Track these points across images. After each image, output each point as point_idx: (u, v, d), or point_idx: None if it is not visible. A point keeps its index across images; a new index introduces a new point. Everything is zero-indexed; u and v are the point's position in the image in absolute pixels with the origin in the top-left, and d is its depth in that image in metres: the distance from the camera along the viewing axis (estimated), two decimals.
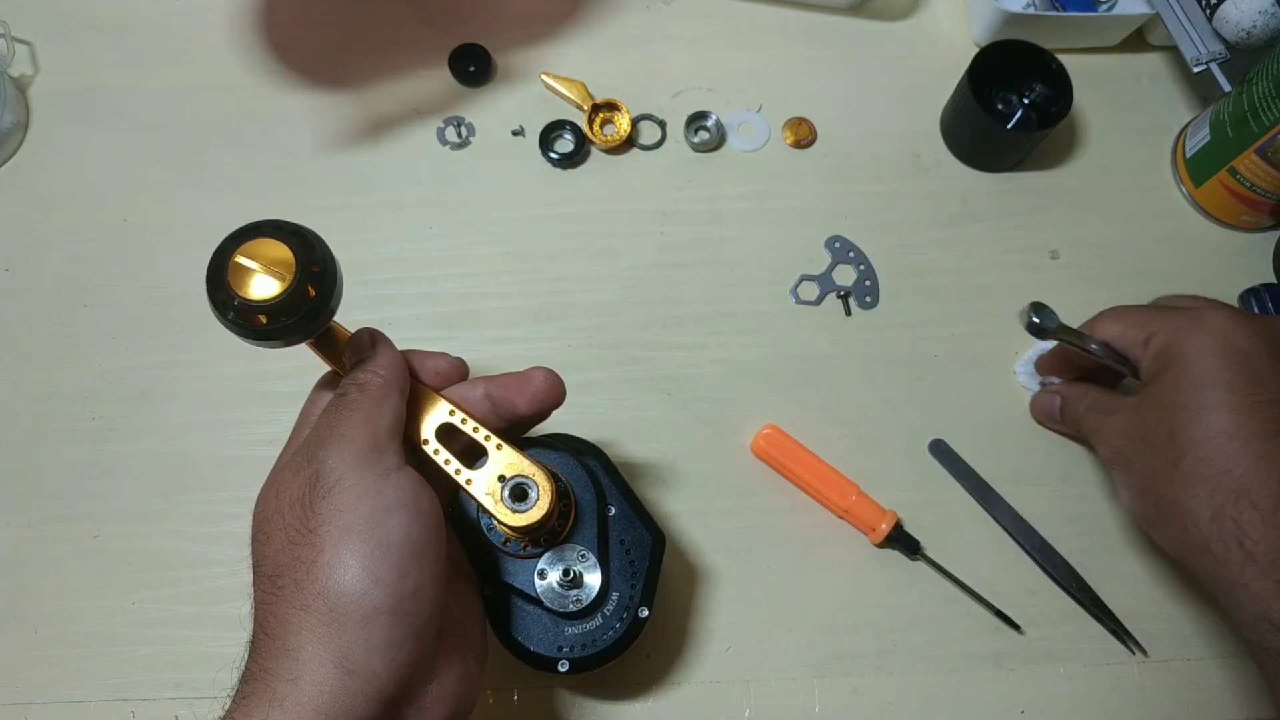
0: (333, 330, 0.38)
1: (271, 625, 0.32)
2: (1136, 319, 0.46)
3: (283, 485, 0.34)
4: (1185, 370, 0.42)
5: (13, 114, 0.61)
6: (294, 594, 0.32)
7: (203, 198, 0.61)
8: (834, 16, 0.67)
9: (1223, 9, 0.56)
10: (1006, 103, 0.62)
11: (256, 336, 0.33)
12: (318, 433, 0.35)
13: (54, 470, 0.55)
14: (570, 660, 0.40)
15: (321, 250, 0.34)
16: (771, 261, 0.60)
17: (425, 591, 0.33)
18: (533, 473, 0.38)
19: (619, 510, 0.42)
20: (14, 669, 0.51)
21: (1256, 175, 0.56)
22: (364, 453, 0.34)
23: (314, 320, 0.33)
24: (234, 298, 0.32)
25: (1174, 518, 0.41)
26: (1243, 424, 0.40)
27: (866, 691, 0.51)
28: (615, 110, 0.63)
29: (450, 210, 0.61)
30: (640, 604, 0.41)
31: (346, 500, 0.33)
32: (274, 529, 0.33)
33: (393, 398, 0.36)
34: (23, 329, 0.58)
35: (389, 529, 0.33)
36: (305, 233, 0.34)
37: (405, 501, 0.34)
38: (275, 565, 0.33)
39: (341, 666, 0.31)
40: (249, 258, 0.32)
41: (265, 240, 0.33)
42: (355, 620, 0.31)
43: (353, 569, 0.32)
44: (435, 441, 0.38)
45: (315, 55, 0.65)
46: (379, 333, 0.39)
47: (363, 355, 0.38)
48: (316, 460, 0.34)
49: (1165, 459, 0.42)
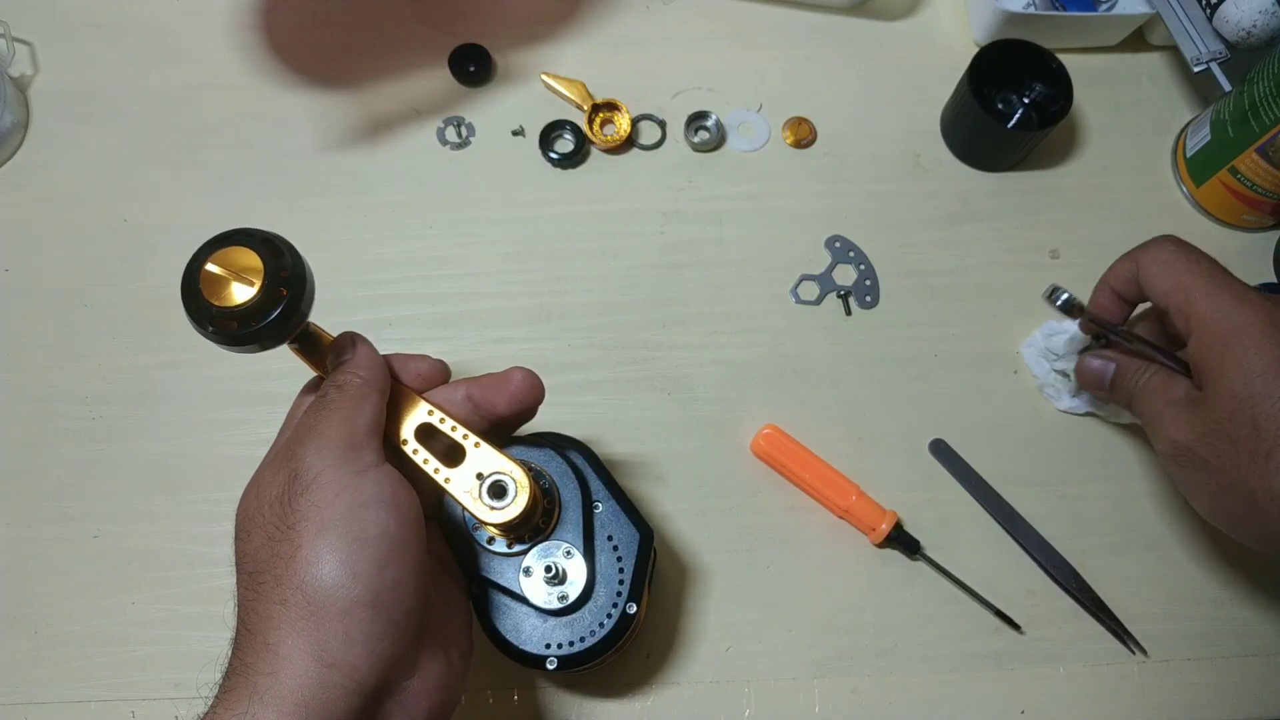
0: (315, 335, 0.39)
1: (252, 621, 0.32)
2: (1168, 290, 0.43)
3: (263, 484, 0.35)
4: (1252, 357, 0.40)
5: (13, 114, 0.61)
6: (273, 589, 0.32)
7: (203, 198, 0.61)
8: (834, 16, 0.67)
9: (1223, 8, 0.56)
10: (1006, 102, 0.62)
11: (233, 342, 0.34)
12: (297, 433, 0.36)
13: (54, 470, 0.55)
14: (558, 658, 0.40)
15: (290, 254, 0.35)
16: (771, 261, 0.60)
17: (404, 585, 0.33)
18: (510, 469, 0.38)
19: (606, 506, 0.42)
20: (14, 669, 0.51)
21: (1257, 175, 0.56)
22: (342, 450, 0.34)
23: (287, 322, 0.34)
24: (208, 306, 0.33)
25: (1274, 512, 0.39)
26: None
27: (866, 691, 0.51)
28: (615, 110, 0.63)
29: (450, 210, 0.61)
30: (629, 600, 0.41)
31: (324, 496, 0.33)
32: (254, 526, 0.34)
33: (372, 398, 0.37)
34: (23, 329, 0.58)
35: (366, 524, 0.33)
36: (274, 239, 0.35)
37: (383, 497, 0.34)
38: (255, 562, 0.33)
39: (320, 659, 0.31)
40: (219, 266, 0.33)
41: (234, 249, 0.34)
42: (333, 613, 0.31)
43: (330, 563, 0.32)
44: (415, 441, 0.39)
45: (315, 55, 0.65)
46: (360, 336, 0.39)
47: (344, 358, 0.38)
48: (295, 459, 0.34)
49: (1253, 453, 0.39)
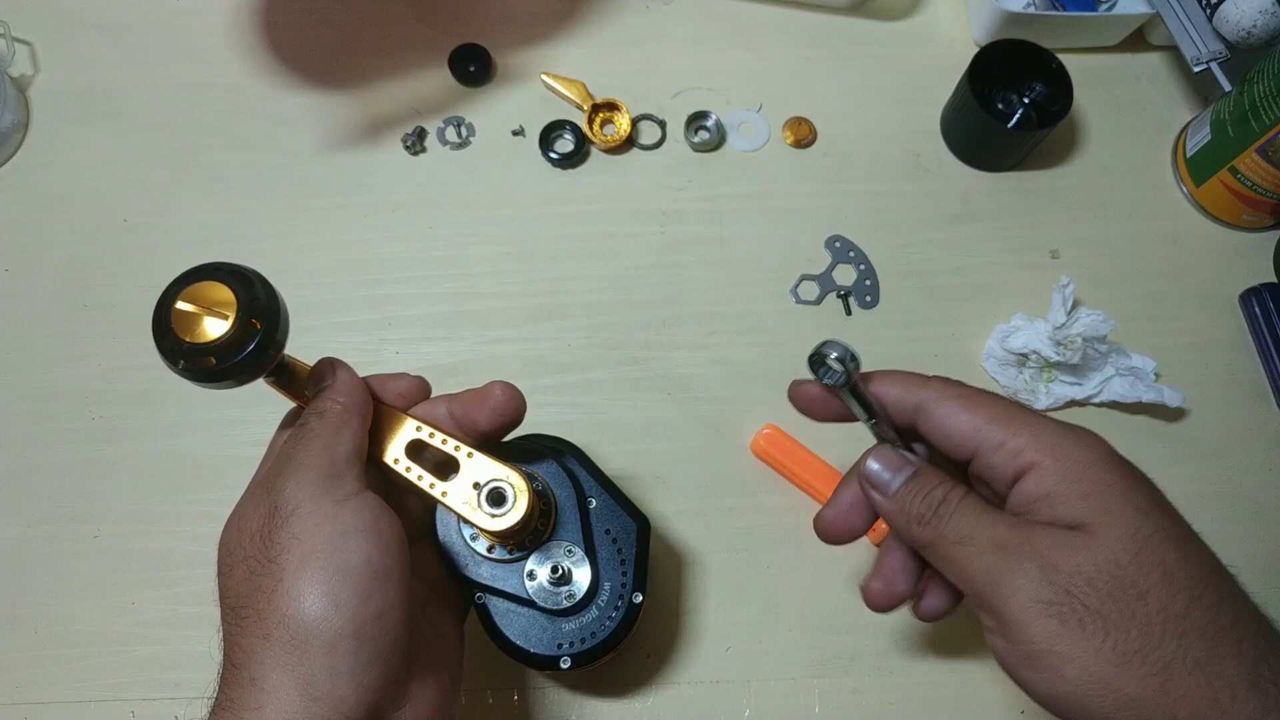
0: (291, 367, 0.38)
1: (236, 656, 0.32)
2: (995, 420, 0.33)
3: (243, 517, 0.34)
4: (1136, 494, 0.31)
5: (13, 114, 0.61)
6: (256, 624, 0.32)
7: (203, 198, 0.61)
8: (834, 16, 0.67)
9: (1223, 8, 0.56)
10: (1006, 102, 0.62)
11: (210, 379, 0.33)
12: (277, 463, 0.35)
13: (54, 470, 0.55)
14: (572, 656, 0.40)
15: (262, 286, 0.34)
16: (771, 261, 0.60)
17: (390, 614, 0.33)
18: (506, 475, 0.38)
19: (600, 502, 0.42)
20: (14, 669, 0.51)
21: (1257, 174, 0.56)
22: (321, 480, 0.34)
23: (263, 355, 0.33)
24: (181, 344, 0.32)
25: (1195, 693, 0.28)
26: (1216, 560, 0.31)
27: (866, 691, 0.51)
28: (615, 110, 0.63)
29: (450, 210, 0.61)
30: (634, 590, 0.41)
31: (304, 527, 0.33)
32: (236, 561, 0.33)
33: (352, 423, 0.36)
34: (23, 329, 0.58)
35: (348, 554, 0.32)
36: (245, 271, 0.34)
37: (364, 526, 0.33)
38: (238, 597, 0.33)
39: (306, 693, 0.31)
40: (190, 302, 0.32)
41: (204, 284, 0.33)
42: (318, 646, 0.31)
43: (312, 595, 0.31)
44: (406, 459, 0.38)
45: (315, 55, 0.65)
46: (339, 361, 0.39)
47: (324, 384, 0.37)
48: (275, 490, 0.34)
49: (1165, 609, 0.29)
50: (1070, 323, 0.54)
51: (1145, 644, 0.28)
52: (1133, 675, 0.28)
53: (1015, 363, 0.56)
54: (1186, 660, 0.28)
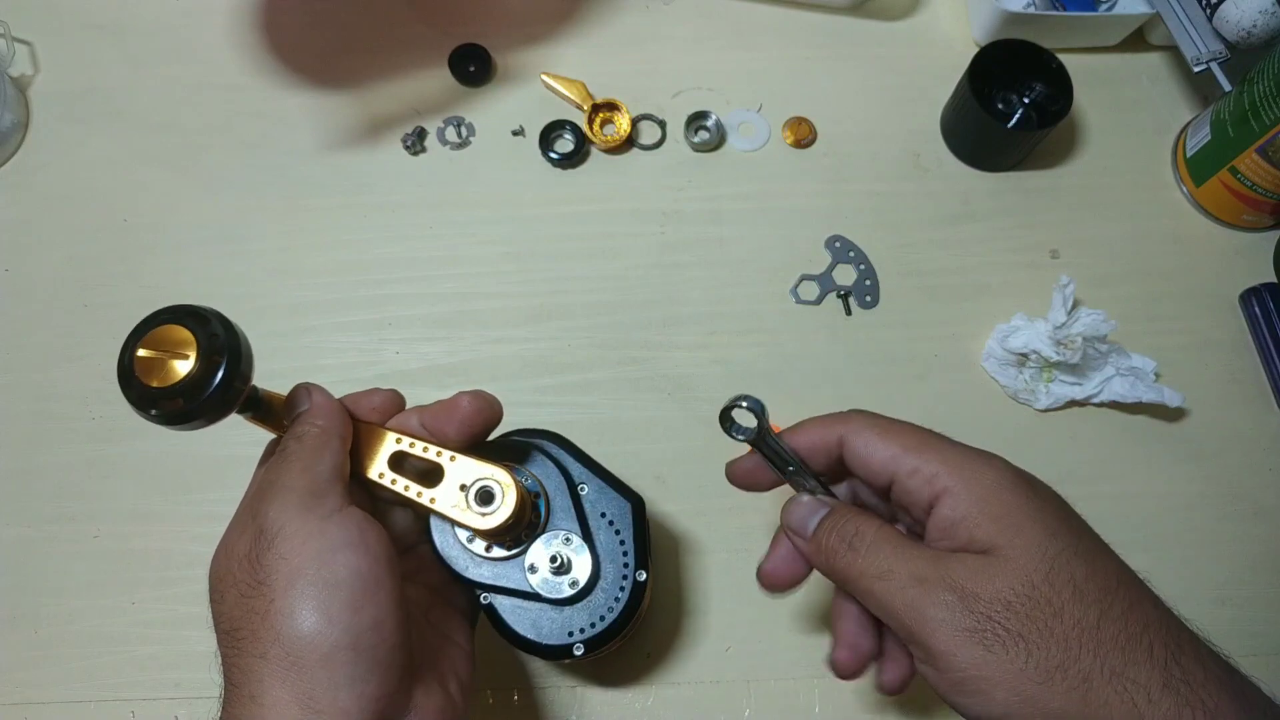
0: (266, 399, 0.38)
1: (235, 676, 0.32)
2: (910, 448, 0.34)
3: (231, 543, 0.35)
4: (1044, 513, 0.32)
5: (13, 114, 0.61)
6: (252, 644, 0.32)
7: (203, 198, 0.61)
8: (834, 16, 0.67)
9: (1223, 8, 0.56)
10: (1007, 102, 0.62)
11: (182, 420, 0.33)
12: (260, 488, 0.36)
13: (54, 470, 0.55)
14: (583, 642, 0.40)
15: (219, 322, 0.34)
16: (771, 261, 0.60)
17: (384, 624, 0.33)
18: (491, 474, 0.38)
19: (591, 486, 0.42)
20: (14, 669, 0.51)
21: (1257, 174, 0.56)
22: (304, 500, 0.34)
23: (229, 389, 0.33)
24: (148, 390, 0.32)
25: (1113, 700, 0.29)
26: (1124, 567, 0.32)
27: (866, 691, 0.51)
28: (615, 110, 0.63)
29: (450, 210, 0.61)
30: (636, 569, 0.41)
31: (290, 547, 0.33)
32: (226, 586, 0.34)
33: (332, 444, 0.37)
34: (23, 329, 0.58)
35: (336, 568, 0.33)
36: (199, 310, 0.34)
37: (350, 539, 0.34)
38: (231, 620, 0.33)
39: (307, 707, 0.31)
40: (150, 349, 0.33)
41: (162, 328, 0.33)
42: (314, 660, 0.31)
43: (304, 611, 0.32)
44: (391, 472, 0.38)
45: (315, 55, 0.65)
46: (314, 385, 0.39)
47: (300, 409, 0.38)
48: (259, 515, 0.34)
49: (1080, 624, 0.30)
50: (1070, 322, 0.55)
51: (1065, 659, 0.29)
52: (1056, 691, 0.29)
53: (1015, 363, 0.56)
54: (1104, 670, 0.29)
